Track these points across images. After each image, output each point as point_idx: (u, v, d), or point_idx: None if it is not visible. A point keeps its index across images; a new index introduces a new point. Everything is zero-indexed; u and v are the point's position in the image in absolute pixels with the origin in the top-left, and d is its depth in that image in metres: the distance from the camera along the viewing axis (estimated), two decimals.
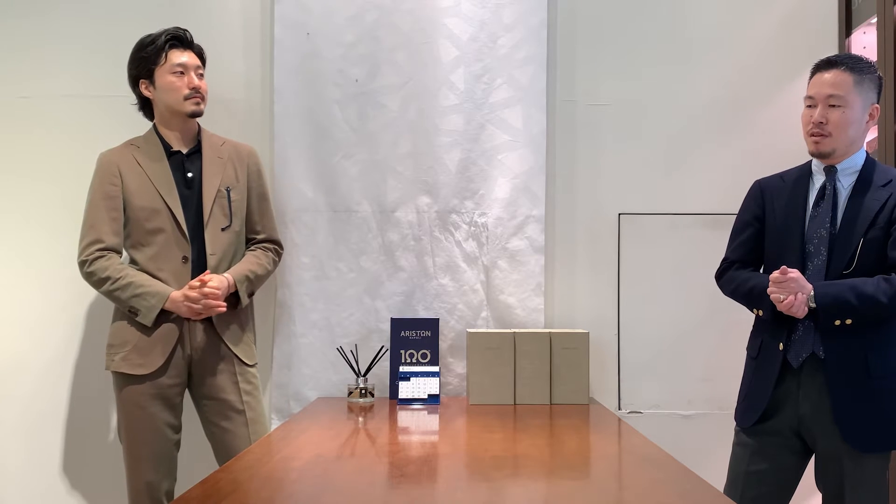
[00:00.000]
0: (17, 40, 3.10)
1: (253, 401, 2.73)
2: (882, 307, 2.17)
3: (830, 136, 2.29)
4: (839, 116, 2.27)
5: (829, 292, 2.21)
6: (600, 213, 3.12)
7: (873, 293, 2.17)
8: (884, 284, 2.18)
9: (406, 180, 3.06)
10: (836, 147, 2.30)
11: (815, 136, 2.30)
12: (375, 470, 1.96)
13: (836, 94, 2.27)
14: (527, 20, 3.08)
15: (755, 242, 2.45)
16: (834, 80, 2.29)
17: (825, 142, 2.30)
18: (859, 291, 2.18)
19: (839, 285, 2.22)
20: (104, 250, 2.64)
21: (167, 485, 2.67)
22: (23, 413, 3.06)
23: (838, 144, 2.30)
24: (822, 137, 2.29)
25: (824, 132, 2.29)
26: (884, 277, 2.20)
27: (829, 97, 2.28)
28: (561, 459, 2.09)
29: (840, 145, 2.30)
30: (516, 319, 3.05)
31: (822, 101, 2.29)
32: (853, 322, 2.20)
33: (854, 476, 2.24)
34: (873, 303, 2.17)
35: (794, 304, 2.21)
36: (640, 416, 3.08)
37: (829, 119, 2.28)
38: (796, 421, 2.31)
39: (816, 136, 2.30)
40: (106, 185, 2.68)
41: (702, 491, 1.73)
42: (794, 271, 2.23)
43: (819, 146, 2.31)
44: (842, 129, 2.28)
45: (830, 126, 2.28)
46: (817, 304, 2.21)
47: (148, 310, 2.59)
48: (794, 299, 2.21)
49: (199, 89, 2.71)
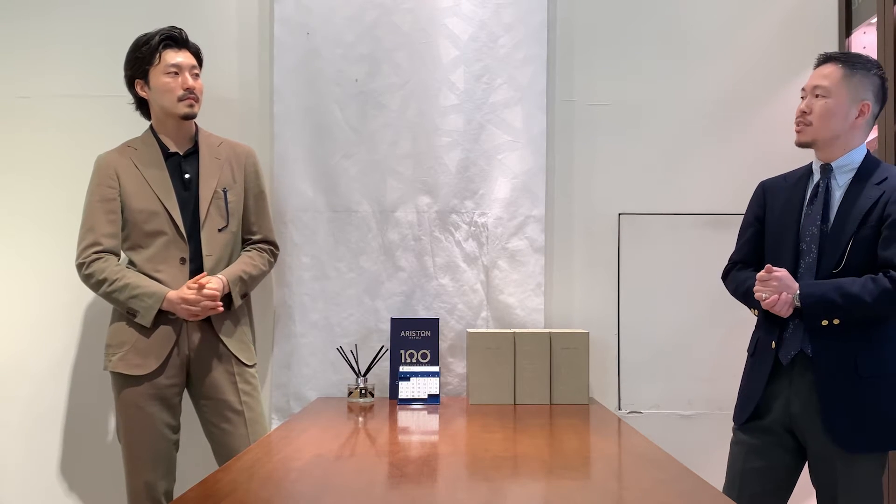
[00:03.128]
0: (17, 40, 3.10)
1: (252, 401, 2.73)
2: (867, 307, 2.16)
3: (811, 125, 2.31)
4: (821, 106, 2.29)
5: (813, 292, 2.21)
6: (600, 214, 3.12)
7: (858, 293, 2.17)
8: (870, 285, 2.17)
9: (406, 180, 3.06)
10: (815, 137, 2.31)
11: (798, 126, 2.34)
12: (375, 470, 1.96)
13: (821, 85, 2.30)
14: (527, 20, 3.08)
15: (757, 242, 2.46)
16: (823, 72, 2.32)
17: (806, 131, 2.32)
18: (844, 291, 2.18)
19: (825, 285, 2.21)
20: (101, 252, 2.64)
21: (166, 485, 2.67)
22: (22, 413, 3.06)
23: (818, 135, 2.30)
24: (805, 126, 2.32)
25: (806, 121, 2.32)
26: (871, 277, 2.19)
27: (815, 87, 2.31)
28: (561, 459, 2.09)
29: (820, 136, 2.30)
30: (516, 319, 3.05)
31: (810, 91, 2.33)
32: (841, 322, 2.20)
33: (847, 478, 2.22)
34: (858, 303, 2.16)
35: (777, 303, 2.22)
36: (640, 416, 3.08)
37: (812, 109, 2.31)
38: (788, 419, 2.31)
39: (799, 125, 2.33)
40: (103, 188, 2.68)
41: (702, 491, 1.73)
42: (780, 270, 2.24)
43: (800, 135, 2.34)
44: (823, 119, 2.29)
45: (812, 115, 2.31)
46: (801, 304, 2.21)
47: (146, 310, 2.59)
48: (777, 298, 2.22)
49: (194, 90, 2.68)
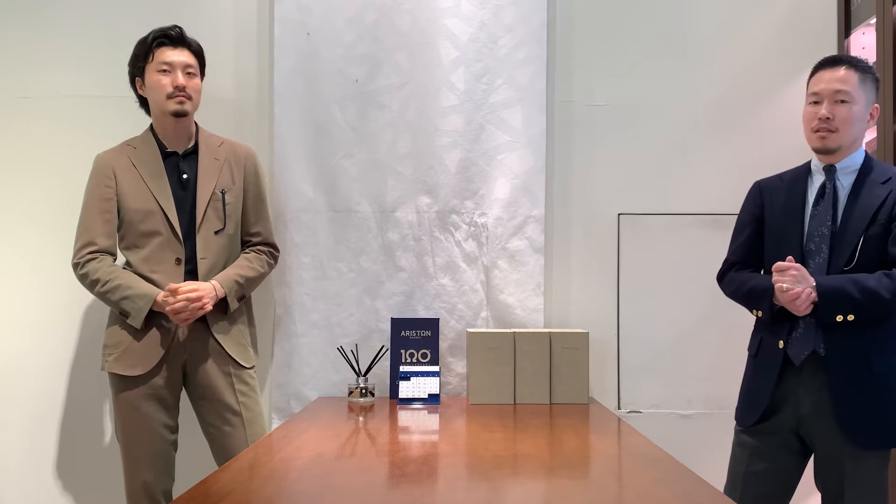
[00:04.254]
0: (17, 40, 3.10)
1: (250, 402, 2.72)
2: (884, 302, 2.17)
3: (837, 131, 2.28)
4: (846, 112, 2.28)
5: (831, 284, 2.21)
6: (600, 214, 3.13)
7: (875, 287, 2.17)
8: (885, 280, 2.18)
9: (406, 180, 3.06)
10: (841, 143, 2.30)
11: (822, 132, 2.29)
12: (375, 470, 1.96)
13: (843, 90, 2.27)
14: (527, 21, 3.08)
15: (755, 243, 2.46)
16: (839, 76, 2.29)
17: (832, 137, 2.29)
18: (861, 285, 2.18)
19: (841, 278, 2.22)
20: (97, 252, 2.64)
21: (164, 485, 2.66)
22: (22, 413, 3.06)
23: (843, 140, 2.29)
24: (829, 133, 2.29)
25: (831, 128, 2.28)
26: (885, 273, 2.20)
27: (837, 92, 2.28)
28: (561, 459, 2.09)
29: (845, 141, 2.30)
30: (516, 319, 3.05)
31: (829, 96, 2.29)
32: (855, 318, 2.20)
33: (854, 476, 2.23)
34: (875, 297, 2.17)
35: (801, 297, 2.19)
36: (640, 415, 3.08)
37: (835, 115, 2.28)
38: (796, 421, 2.31)
39: (823, 131, 2.29)
40: (101, 188, 2.67)
41: (702, 491, 1.73)
42: (797, 265, 2.23)
43: (825, 142, 2.30)
44: (848, 125, 2.28)
45: (837, 122, 2.28)
46: (819, 295, 2.20)
47: (137, 312, 2.57)
48: (800, 291, 2.19)
49: (185, 88, 2.64)
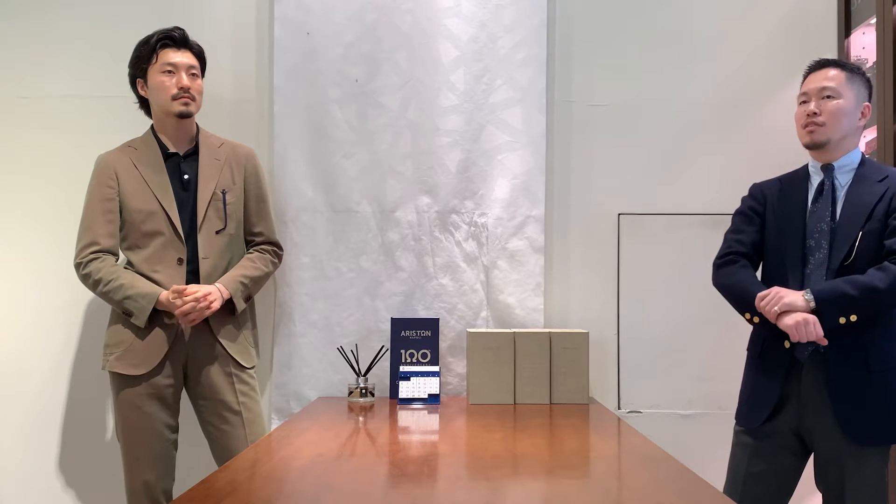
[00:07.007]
0: (17, 40, 3.10)
1: (250, 402, 2.72)
2: (881, 294, 2.18)
3: (824, 125, 2.35)
4: (833, 106, 2.34)
5: (825, 287, 2.24)
6: (600, 214, 3.13)
7: (869, 281, 2.19)
8: (879, 272, 2.20)
9: (406, 180, 3.06)
10: (829, 136, 2.35)
11: (809, 127, 2.36)
12: (375, 470, 1.96)
13: (828, 87, 2.35)
14: (527, 21, 3.08)
15: (755, 236, 2.46)
16: (826, 75, 2.38)
17: (820, 131, 2.35)
18: (856, 283, 2.21)
19: (835, 282, 2.24)
20: (99, 252, 2.64)
21: (165, 484, 2.67)
22: (22, 413, 3.07)
23: (832, 134, 2.34)
24: (817, 127, 2.35)
25: (818, 122, 2.35)
26: (877, 266, 2.22)
27: (823, 89, 2.36)
28: (561, 459, 2.09)
29: (833, 135, 2.34)
30: (516, 319, 3.05)
31: (816, 94, 2.37)
32: (857, 318, 2.21)
33: (854, 475, 2.24)
34: (872, 290, 2.18)
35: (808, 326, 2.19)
36: (640, 415, 3.08)
37: (822, 109, 2.35)
38: (796, 421, 2.32)
39: (810, 126, 2.36)
40: (102, 188, 2.68)
41: (701, 491, 1.73)
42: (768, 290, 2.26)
43: (814, 136, 2.36)
44: (835, 118, 2.34)
45: (824, 115, 2.35)
46: (817, 300, 2.21)
47: (140, 311, 2.58)
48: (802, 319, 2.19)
49: (189, 89, 2.66)
